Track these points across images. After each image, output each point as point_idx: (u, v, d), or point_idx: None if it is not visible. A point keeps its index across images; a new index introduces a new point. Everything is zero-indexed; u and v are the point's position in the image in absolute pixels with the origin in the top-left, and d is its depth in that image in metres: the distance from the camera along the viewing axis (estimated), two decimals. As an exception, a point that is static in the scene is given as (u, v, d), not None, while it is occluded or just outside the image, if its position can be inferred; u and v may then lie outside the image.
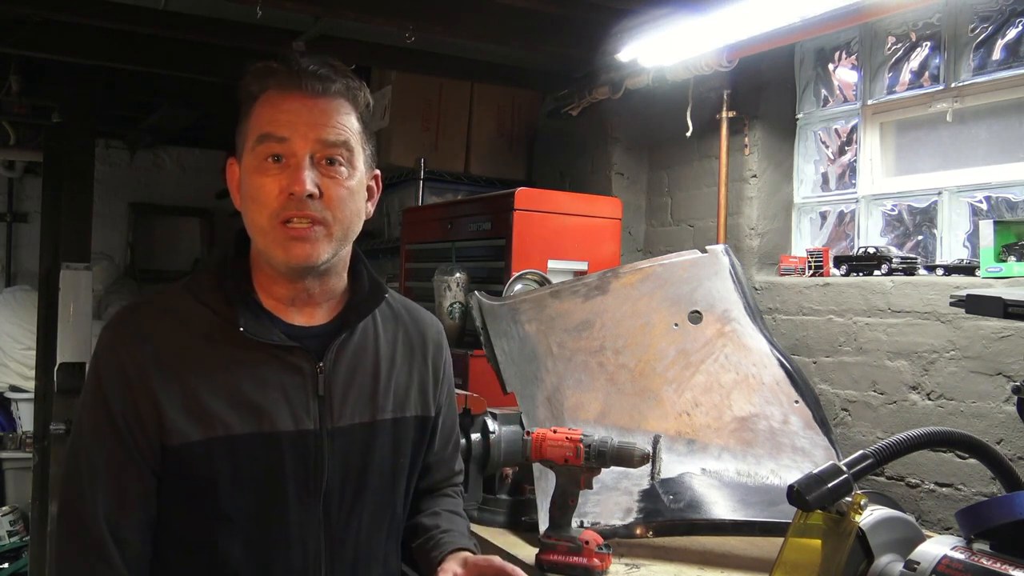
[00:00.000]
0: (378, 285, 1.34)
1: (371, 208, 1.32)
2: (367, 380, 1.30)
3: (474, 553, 1.34)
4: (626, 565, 1.70)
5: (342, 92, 1.23)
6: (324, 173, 1.20)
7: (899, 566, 1.09)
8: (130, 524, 1.17)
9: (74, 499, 1.17)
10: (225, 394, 1.18)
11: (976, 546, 1.07)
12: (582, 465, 1.63)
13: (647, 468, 1.82)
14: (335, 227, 1.21)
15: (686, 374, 2.00)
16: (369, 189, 1.30)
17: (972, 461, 2.05)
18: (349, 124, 1.22)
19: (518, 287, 2.49)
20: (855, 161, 2.74)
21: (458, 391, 1.69)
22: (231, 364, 1.20)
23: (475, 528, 1.88)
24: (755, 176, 2.84)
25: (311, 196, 1.17)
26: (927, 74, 2.54)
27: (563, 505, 1.66)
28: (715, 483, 1.88)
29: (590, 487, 1.67)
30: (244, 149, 1.23)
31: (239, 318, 1.20)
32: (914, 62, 2.59)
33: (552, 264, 2.71)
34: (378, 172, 1.33)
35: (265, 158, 1.19)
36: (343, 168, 1.21)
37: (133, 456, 1.16)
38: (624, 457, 1.60)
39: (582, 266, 2.79)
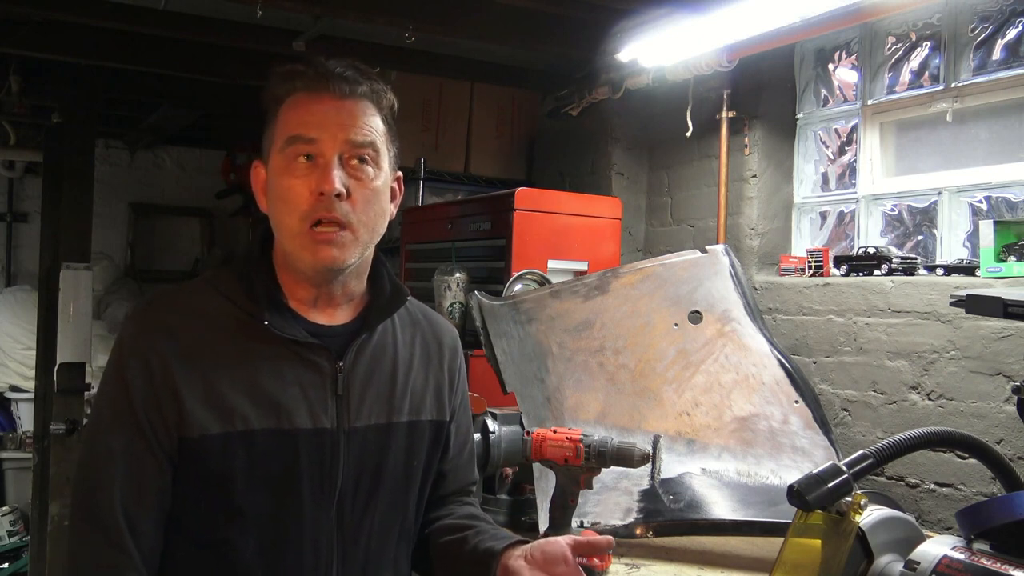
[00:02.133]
0: (399, 288, 1.35)
1: (394, 210, 1.33)
2: (385, 381, 1.30)
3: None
4: (626, 565, 1.70)
5: (367, 94, 1.24)
6: (351, 174, 1.21)
7: (899, 566, 1.08)
8: (145, 515, 1.17)
9: (91, 487, 1.17)
10: (245, 388, 1.19)
11: (976, 546, 1.07)
12: (582, 465, 1.63)
13: (647, 468, 1.82)
14: (360, 229, 1.22)
15: (686, 374, 2.00)
16: (392, 191, 1.31)
17: (972, 461, 2.05)
18: (375, 125, 1.24)
19: (518, 287, 2.49)
20: (855, 161, 2.74)
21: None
22: (252, 359, 1.21)
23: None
24: (755, 176, 2.84)
25: (339, 196, 1.18)
26: (927, 74, 2.54)
27: (563, 505, 1.66)
28: (715, 483, 1.88)
29: (590, 487, 1.67)
30: (271, 151, 1.24)
31: (263, 312, 1.21)
32: (914, 62, 2.59)
33: (552, 264, 2.71)
34: (400, 174, 1.34)
35: (294, 159, 1.20)
36: (370, 168, 1.23)
37: (152, 447, 1.17)
38: (624, 457, 1.60)
39: (582, 266, 2.79)
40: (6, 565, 4.90)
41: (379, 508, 1.28)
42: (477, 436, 1.98)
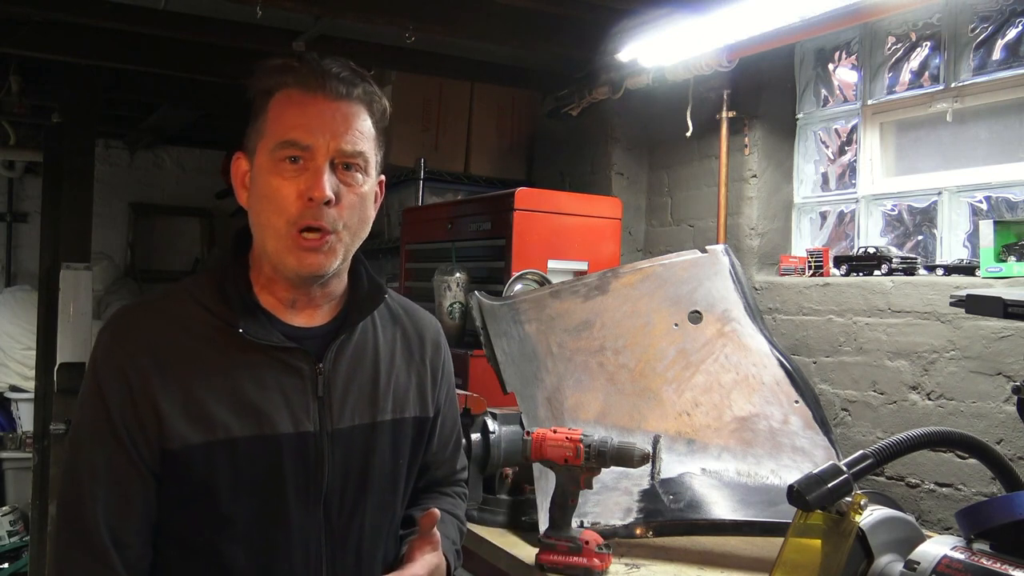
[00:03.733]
0: (378, 286, 1.34)
1: (373, 213, 1.31)
2: (367, 381, 1.29)
3: (448, 556, 1.34)
4: (626, 565, 1.70)
5: (361, 97, 1.22)
6: (341, 179, 1.19)
7: (899, 566, 1.09)
8: (131, 528, 1.16)
9: (74, 503, 1.16)
10: (225, 397, 1.17)
11: (976, 546, 1.07)
12: (582, 465, 1.63)
13: (647, 468, 1.82)
14: (345, 235, 1.21)
15: (686, 374, 2.00)
16: (375, 195, 1.30)
17: (972, 461, 2.05)
18: (366, 131, 1.22)
19: (518, 287, 2.49)
20: (855, 161, 2.74)
21: (458, 391, 1.68)
22: (230, 366, 1.19)
23: (475, 528, 1.88)
24: (755, 176, 2.84)
25: (328, 203, 1.17)
26: (927, 74, 2.54)
27: (563, 505, 1.66)
28: (715, 483, 1.88)
29: (590, 487, 1.67)
30: (258, 147, 1.21)
31: (238, 319, 1.20)
32: (914, 62, 2.59)
33: (552, 264, 2.71)
34: (383, 178, 1.33)
35: (283, 159, 1.18)
36: (359, 175, 1.21)
37: (133, 460, 1.15)
38: (624, 457, 1.60)
39: (582, 266, 2.79)
40: (6, 565, 4.90)
41: (368, 508, 1.27)
42: (477, 436, 1.98)
